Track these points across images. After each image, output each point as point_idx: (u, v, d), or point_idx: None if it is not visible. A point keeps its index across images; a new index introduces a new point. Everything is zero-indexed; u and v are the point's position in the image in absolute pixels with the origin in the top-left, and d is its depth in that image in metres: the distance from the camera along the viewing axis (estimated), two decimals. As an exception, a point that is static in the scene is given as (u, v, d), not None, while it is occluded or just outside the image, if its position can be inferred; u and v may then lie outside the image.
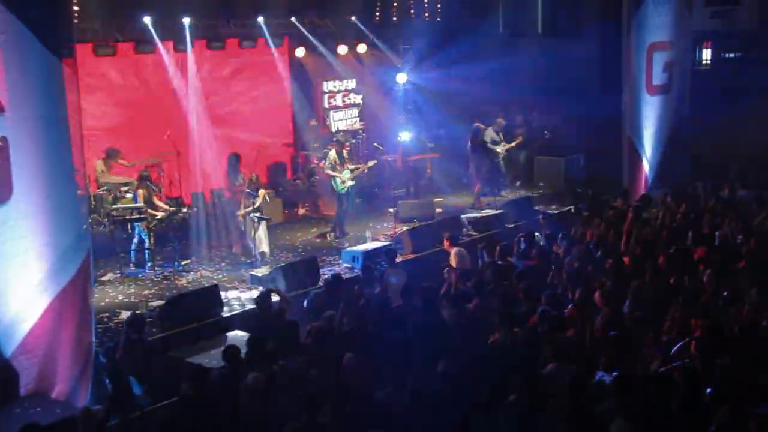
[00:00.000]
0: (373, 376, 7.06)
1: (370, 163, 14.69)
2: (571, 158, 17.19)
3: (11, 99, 7.44)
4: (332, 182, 13.66)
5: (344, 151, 13.94)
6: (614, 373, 6.39)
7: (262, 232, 12.19)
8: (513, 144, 16.35)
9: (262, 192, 12.25)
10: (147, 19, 13.44)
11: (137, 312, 9.65)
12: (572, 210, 14.00)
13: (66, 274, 8.00)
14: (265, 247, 12.28)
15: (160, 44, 13.74)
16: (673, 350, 7.00)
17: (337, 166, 13.60)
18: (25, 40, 7.46)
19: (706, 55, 17.89)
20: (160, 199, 12.52)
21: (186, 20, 13.73)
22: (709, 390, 5.94)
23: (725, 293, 8.10)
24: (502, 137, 16.23)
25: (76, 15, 11.00)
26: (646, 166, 14.95)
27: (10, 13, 7.33)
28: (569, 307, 8.23)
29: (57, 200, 7.88)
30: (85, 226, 8.38)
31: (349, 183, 13.66)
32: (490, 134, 15.99)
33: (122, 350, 8.13)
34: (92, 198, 12.52)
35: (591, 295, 8.36)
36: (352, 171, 13.71)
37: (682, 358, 6.67)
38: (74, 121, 8.13)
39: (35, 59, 7.57)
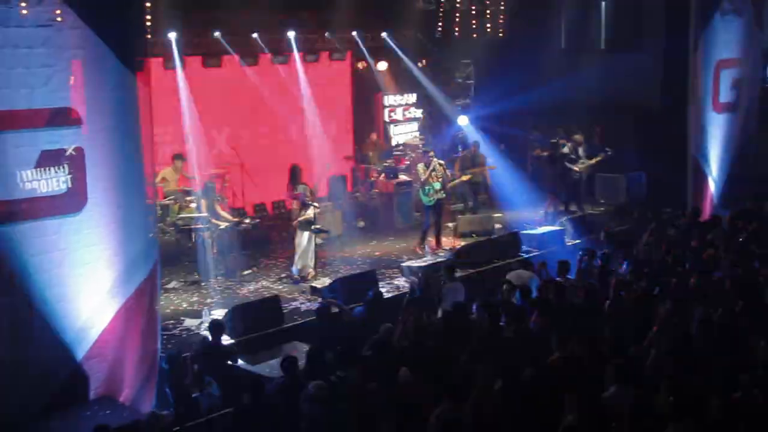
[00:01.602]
0: (431, 393, 7.07)
1: (465, 177, 14.72)
2: (632, 176, 16.94)
3: (88, 111, 7.76)
4: (419, 194, 13.69)
5: (433, 163, 13.76)
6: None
7: (306, 243, 12.13)
8: (593, 161, 15.77)
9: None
10: (217, 34, 13.79)
11: (216, 318, 9.94)
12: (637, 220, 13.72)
13: (134, 282, 8.28)
14: (306, 261, 12.19)
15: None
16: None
17: (423, 178, 13.57)
18: (103, 55, 7.78)
19: (776, 72, 17.49)
20: (224, 209, 12.76)
21: (255, 35, 14.03)
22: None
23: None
24: (581, 154, 15.81)
25: (149, 30, 11.32)
26: (712, 186, 14.66)
27: (89, 29, 7.65)
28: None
29: (128, 210, 8.15)
30: (152, 235, 8.63)
31: (437, 195, 13.59)
32: (565, 152, 15.74)
33: (202, 354, 8.36)
34: (158, 207, 12.81)
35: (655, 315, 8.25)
36: (442, 183, 13.65)
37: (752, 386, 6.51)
38: (145, 133, 8.41)
39: (111, 73, 7.88)
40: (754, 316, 8.13)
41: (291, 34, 14.72)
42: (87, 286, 7.97)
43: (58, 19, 7.56)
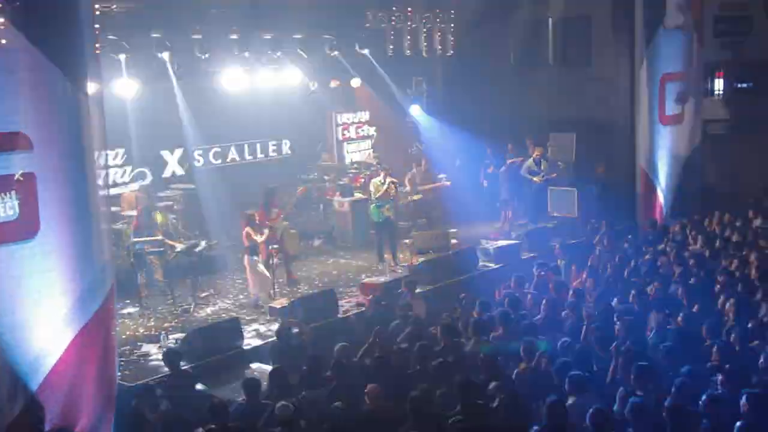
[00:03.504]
0: (397, 409, 7.06)
1: (415, 197, 14.75)
2: (584, 189, 17.21)
3: (39, 135, 7.53)
4: (371, 210, 13.70)
5: (387, 179, 13.87)
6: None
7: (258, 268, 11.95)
8: (554, 174, 15.98)
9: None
10: (167, 55, 13.65)
11: (169, 345, 9.80)
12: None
13: (90, 309, 8.03)
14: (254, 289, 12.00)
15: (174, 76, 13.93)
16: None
17: (379, 195, 13.61)
18: (53, 78, 7.57)
19: (718, 84, 17.99)
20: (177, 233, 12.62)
21: (206, 55, 13.94)
22: (738, 424, 5.93)
23: (749, 324, 8.10)
24: (543, 167, 15.97)
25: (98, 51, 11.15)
26: (660, 197, 14.98)
27: (36, 49, 7.45)
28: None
29: (82, 235, 7.93)
30: (107, 260, 8.45)
31: (388, 213, 13.65)
32: (527, 164, 15.94)
33: (168, 385, 8.25)
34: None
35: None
36: (393, 201, 13.67)
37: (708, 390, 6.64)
38: (98, 155, 8.25)
39: (62, 96, 7.68)
40: (709, 321, 8.32)
41: (246, 54, 14.63)
42: (41, 314, 7.71)
43: (5, 41, 7.37)
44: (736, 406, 6.25)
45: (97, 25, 10.26)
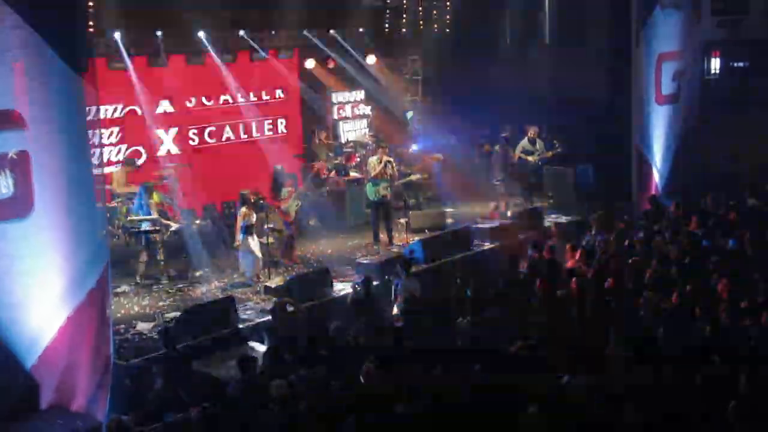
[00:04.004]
0: (392, 388, 7.09)
1: (414, 177, 14.72)
2: (580, 168, 17.18)
3: (33, 114, 7.55)
4: (367, 188, 13.65)
5: (384, 158, 13.80)
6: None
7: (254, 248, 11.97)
8: (549, 154, 15.90)
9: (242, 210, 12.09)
10: (159, 34, 13.56)
11: (165, 324, 9.80)
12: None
13: (85, 287, 8.10)
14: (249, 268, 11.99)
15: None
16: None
17: (374, 173, 13.56)
18: (46, 56, 7.59)
19: (715, 64, 17.95)
20: (170, 211, 12.58)
21: (201, 34, 13.86)
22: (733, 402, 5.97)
23: (743, 304, 8.14)
24: (538, 147, 15.90)
25: (92, 29, 11.07)
26: (656, 176, 14.99)
27: (31, 29, 7.45)
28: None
29: (76, 214, 7.97)
30: (102, 239, 8.46)
31: (384, 192, 13.63)
32: (522, 144, 15.91)
33: (163, 365, 8.28)
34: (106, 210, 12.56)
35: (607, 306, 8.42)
36: (390, 180, 13.63)
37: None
38: (93, 134, 8.24)
39: (55, 74, 7.68)
40: (703, 301, 8.36)
41: (241, 33, 14.53)
42: (36, 292, 7.76)
43: (-2, 19, 7.34)
44: (732, 385, 6.29)
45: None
